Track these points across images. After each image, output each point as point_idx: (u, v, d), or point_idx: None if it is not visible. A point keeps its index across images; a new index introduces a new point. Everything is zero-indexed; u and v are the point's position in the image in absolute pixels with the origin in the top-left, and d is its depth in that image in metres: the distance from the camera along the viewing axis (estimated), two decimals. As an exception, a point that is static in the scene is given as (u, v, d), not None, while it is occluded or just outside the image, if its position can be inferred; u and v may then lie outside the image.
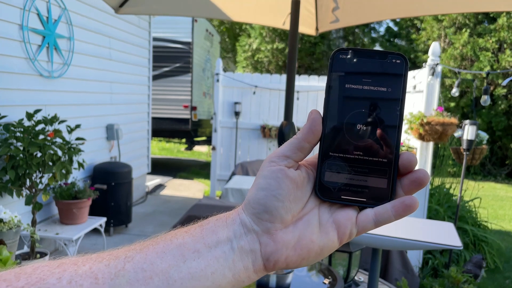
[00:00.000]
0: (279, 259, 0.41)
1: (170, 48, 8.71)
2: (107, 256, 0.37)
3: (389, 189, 0.41)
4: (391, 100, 0.42)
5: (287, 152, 0.42)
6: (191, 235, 0.40)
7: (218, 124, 6.77)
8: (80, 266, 0.35)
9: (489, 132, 10.78)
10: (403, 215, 0.40)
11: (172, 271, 0.37)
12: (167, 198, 6.58)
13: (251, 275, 0.41)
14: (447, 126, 3.88)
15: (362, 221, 0.41)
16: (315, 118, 0.42)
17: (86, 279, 0.34)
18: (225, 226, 0.41)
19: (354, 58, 0.43)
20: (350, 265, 1.80)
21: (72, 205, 3.57)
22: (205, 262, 0.39)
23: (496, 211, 7.17)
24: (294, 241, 0.41)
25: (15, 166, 2.95)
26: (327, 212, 0.42)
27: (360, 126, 0.42)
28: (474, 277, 3.76)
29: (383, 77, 0.42)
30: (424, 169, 0.41)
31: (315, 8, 2.27)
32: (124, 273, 0.36)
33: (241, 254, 0.40)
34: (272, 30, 13.50)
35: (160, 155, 12.07)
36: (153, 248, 0.38)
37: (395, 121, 0.42)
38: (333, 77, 0.43)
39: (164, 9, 2.48)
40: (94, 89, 4.59)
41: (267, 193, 0.40)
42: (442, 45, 11.60)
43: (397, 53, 0.43)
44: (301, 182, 0.42)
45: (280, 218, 0.41)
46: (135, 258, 0.37)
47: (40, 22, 3.58)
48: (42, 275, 0.34)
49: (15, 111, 3.29)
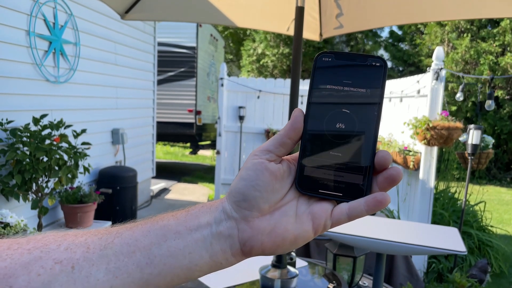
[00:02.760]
0: (255, 245, 0.44)
1: (175, 53, 8.76)
2: (103, 231, 0.43)
3: (364, 185, 0.43)
4: (370, 101, 0.44)
5: (270, 147, 0.45)
6: (176, 218, 0.44)
7: (223, 128, 6.79)
8: (78, 237, 0.42)
9: (494, 136, 10.73)
10: (374, 210, 0.43)
11: (154, 248, 0.42)
12: (171, 202, 6.60)
13: (229, 258, 0.44)
14: (453, 130, 3.88)
15: (337, 213, 0.44)
16: (297, 116, 0.45)
17: (79, 247, 0.40)
18: (208, 212, 0.45)
19: (336, 61, 0.46)
20: (354, 270, 1.81)
21: (78, 209, 3.60)
22: (184, 243, 0.43)
23: (501, 216, 7.13)
24: (269, 229, 0.44)
25: (21, 171, 2.98)
26: (305, 204, 0.45)
27: (339, 125, 0.44)
28: (479, 282, 3.74)
29: (362, 79, 0.45)
30: (397, 167, 0.43)
31: (319, 14, 2.28)
32: (112, 246, 0.41)
33: (219, 238, 0.44)
34: (276, 34, 13.53)
35: (165, 159, 12.10)
36: (141, 227, 0.43)
37: (373, 121, 0.44)
38: (316, 78, 0.46)
39: (169, 15, 2.51)
40: (99, 94, 4.63)
41: (247, 183, 0.44)
42: (445, 49, 11.59)
43: (377, 56, 0.45)
44: (281, 175, 0.45)
45: (257, 207, 0.44)
46: (124, 234, 0.42)
47: (47, 28, 3.62)
48: (47, 242, 0.40)
49: (21, 116, 3.32)
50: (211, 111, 10.16)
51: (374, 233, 1.65)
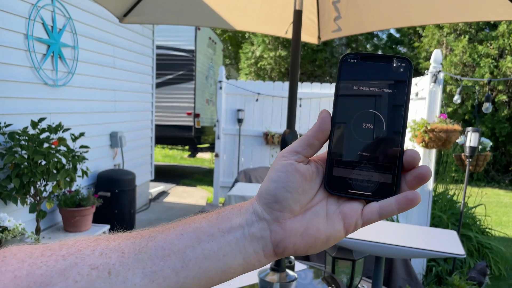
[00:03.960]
0: (287, 246, 0.44)
1: (173, 56, 8.77)
2: (135, 235, 0.43)
3: (394, 184, 0.44)
4: (396, 101, 0.45)
5: (297, 148, 0.45)
6: (208, 220, 0.44)
7: (221, 131, 6.79)
8: (111, 242, 0.42)
9: (493, 139, 10.75)
10: (405, 208, 0.43)
11: (188, 251, 0.42)
12: (170, 205, 6.59)
13: (262, 259, 0.45)
14: (451, 133, 3.88)
15: (368, 213, 0.44)
16: (324, 117, 0.46)
17: (114, 252, 0.40)
18: (239, 214, 0.45)
19: (362, 62, 0.46)
20: (353, 273, 1.80)
21: (76, 213, 3.59)
22: (218, 245, 0.43)
23: (500, 218, 7.13)
24: (301, 230, 0.44)
25: (19, 174, 2.97)
26: (335, 204, 0.46)
27: (366, 125, 0.45)
28: (478, 284, 3.74)
29: (388, 79, 0.45)
30: (426, 166, 0.43)
31: (317, 17, 2.29)
32: (146, 250, 0.41)
33: (251, 240, 0.44)
34: (275, 37, 13.54)
35: (164, 162, 12.09)
36: (173, 230, 0.43)
37: (400, 120, 0.44)
38: (342, 79, 0.46)
39: (168, 18, 2.51)
40: (98, 97, 4.63)
41: (278, 185, 0.44)
42: (443, 52, 11.62)
43: (402, 57, 0.45)
44: (310, 176, 0.45)
45: (289, 208, 0.44)
46: (157, 238, 0.42)
47: (45, 31, 3.62)
48: (80, 247, 0.40)
49: (20, 120, 3.32)
50: (210, 114, 10.16)
51: (373, 236, 1.65)
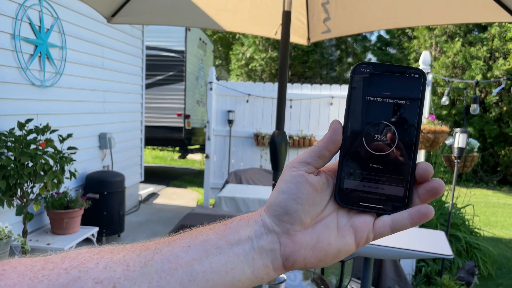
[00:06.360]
0: (297, 259, 0.43)
1: (163, 57, 8.72)
2: (140, 247, 0.41)
3: (406, 197, 0.43)
4: (409, 112, 0.44)
5: (308, 158, 0.44)
6: (215, 232, 0.43)
7: (212, 132, 6.77)
8: (115, 254, 0.40)
9: (481, 140, 10.88)
10: (418, 222, 0.42)
11: (196, 264, 0.40)
12: (160, 207, 6.55)
13: (270, 273, 0.43)
14: (439, 134, 3.92)
15: (379, 227, 0.43)
16: (336, 128, 0.44)
17: (119, 265, 0.38)
18: (247, 226, 0.43)
19: (374, 72, 0.45)
20: (342, 274, 1.81)
21: (64, 215, 3.54)
22: (226, 258, 0.41)
23: (488, 218, 7.21)
24: (312, 243, 0.43)
25: (6, 176, 2.93)
26: (345, 216, 0.44)
27: (378, 136, 0.44)
28: (467, 284, 3.77)
29: (401, 90, 0.44)
30: (439, 179, 0.43)
31: (307, 18, 2.29)
32: (152, 263, 0.39)
33: (261, 252, 0.42)
34: (265, 39, 13.57)
35: (154, 163, 12.02)
36: (180, 243, 0.42)
37: (413, 132, 0.43)
38: (354, 90, 0.45)
39: (157, 19, 2.49)
40: (86, 98, 4.58)
41: (288, 196, 0.42)
42: (433, 53, 11.72)
43: (415, 68, 0.44)
44: (321, 187, 0.44)
45: (299, 220, 0.42)
46: (163, 251, 0.41)
47: (33, 32, 3.58)
48: (83, 260, 0.38)
49: (6, 121, 3.27)
50: (200, 115, 10.13)
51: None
